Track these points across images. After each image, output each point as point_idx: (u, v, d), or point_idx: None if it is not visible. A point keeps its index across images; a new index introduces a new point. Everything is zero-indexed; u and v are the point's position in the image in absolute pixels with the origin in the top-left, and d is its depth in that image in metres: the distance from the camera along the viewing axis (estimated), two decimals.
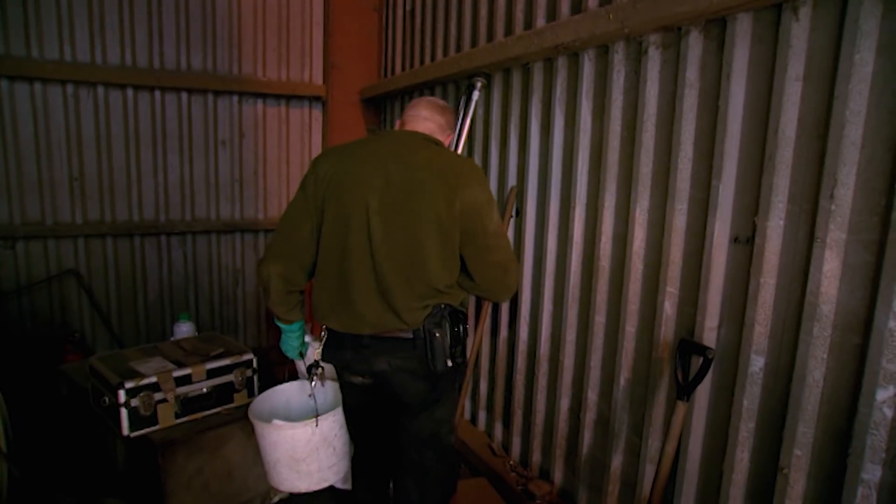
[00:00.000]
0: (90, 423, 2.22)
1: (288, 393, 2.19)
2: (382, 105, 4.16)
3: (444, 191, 1.69)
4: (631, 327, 2.11)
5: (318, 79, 4.16)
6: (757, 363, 1.66)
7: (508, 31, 2.66)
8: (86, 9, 3.52)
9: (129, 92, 3.69)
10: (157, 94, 3.75)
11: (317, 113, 4.21)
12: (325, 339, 1.83)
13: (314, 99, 4.16)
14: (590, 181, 2.29)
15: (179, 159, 3.88)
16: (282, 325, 1.95)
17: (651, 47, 1.95)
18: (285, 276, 1.80)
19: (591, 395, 2.33)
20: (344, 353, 1.79)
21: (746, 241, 1.69)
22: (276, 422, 1.99)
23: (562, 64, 2.37)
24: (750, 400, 1.68)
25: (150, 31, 3.69)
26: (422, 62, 3.53)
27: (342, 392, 1.95)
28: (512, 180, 2.73)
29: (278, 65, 4.04)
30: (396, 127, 2.01)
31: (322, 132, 4.24)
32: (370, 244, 1.70)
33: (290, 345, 1.99)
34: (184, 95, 3.82)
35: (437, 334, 1.73)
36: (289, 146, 4.16)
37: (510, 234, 2.75)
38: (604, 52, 2.17)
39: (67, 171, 3.61)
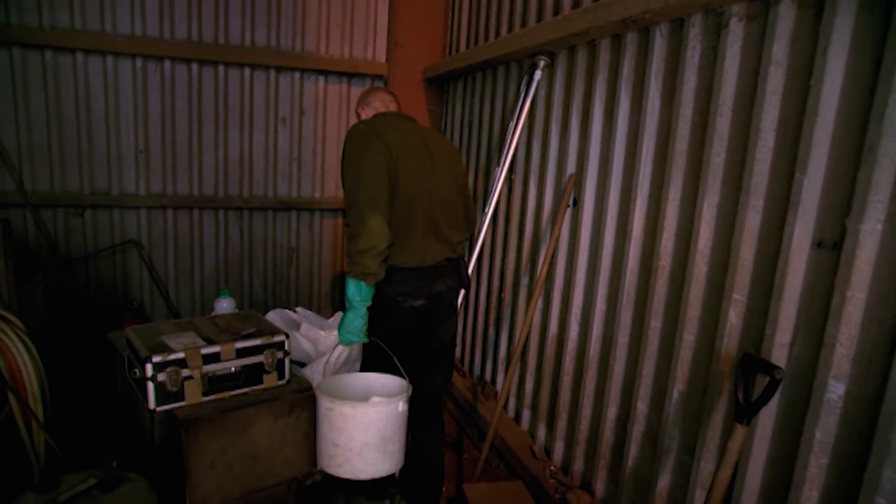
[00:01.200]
0: (127, 394, 2.22)
1: (349, 380, 2.25)
2: (445, 85, 4.02)
3: (457, 158, 2.47)
4: (689, 335, 1.89)
5: (381, 57, 4.06)
6: (836, 390, 1.42)
7: (576, 2, 2.45)
8: None
9: (195, 66, 3.72)
10: (221, 69, 3.76)
11: None
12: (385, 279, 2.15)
13: (376, 77, 4.07)
14: (654, 171, 2.07)
15: (240, 135, 3.89)
16: (358, 299, 2.13)
17: (733, 19, 1.71)
18: (386, 227, 2.10)
19: (641, 406, 2.12)
20: (410, 282, 2.22)
21: (833, 246, 1.45)
22: (375, 398, 2.02)
23: (630, 40, 2.14)
24: (824, 432, 1.45)
25: (217, 6, 3.69)
26: (486, 39, 3.36)
27: (394, 321, 2.25)
28: (571, 167, 2.53)
29: (341, 41, 3.97)
30: (380, 108, 2.48)
31: None
32: (430, 198, 2.25)
33: (355, 324, 2.16)
34: (247, 71, 3.81)
35: (464, 258, 2.46)
36: (348, 125, 4.09)
37: (566, 224, 2.56)
38: (678, 27, 1.94)
39: (134, 143, 3.69)
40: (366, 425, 1.98)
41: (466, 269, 2.48)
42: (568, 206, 2.53)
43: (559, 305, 2.65)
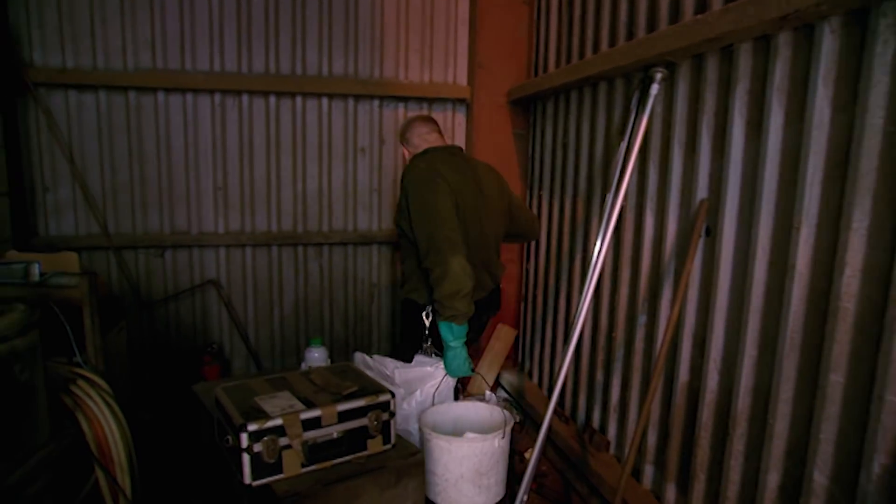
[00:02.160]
0: (216, 458, 2.02)
1: (454, 410, 2.39)
2: (531, 107, 3.76)
3: (505, 187, 2.68)
4: (893, 396, 1.52)
5: (463, 80, 3.85)
6: None
7: (701, 6, 2.15)
8: (235, 20, 3.48)
9: (272, 99, 3.60)
10: (299, 100, 3.64)
11: (460, 117, 3.90)
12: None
13: (458, 101, 3.86)
14: (825, 194, 1.72)
15: (318, 168, 3.74)
16: (455, 336, 2.25)
17: None
18: (469, 267, 2.18)
19: (819, 478, 1.75)
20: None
21: None
22: (469, 434, 2.10)
23: (784, 42, 1.82)
24: None
25: (294, 37, 3.58)
26: (581, 55, 3.09)
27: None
28: (702, 192, 2.21)
29: (421, 66, 3.79)
30: (430, 142, 2.58)
31: (465, 137, 3.92)
32: (483, 234, 2.42)
33: (458, 363, 2.32)
34: (324, 101, 3.67)
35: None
36: None
37: (697, 257, 2.23)
38: (856, 19, 1.61)
39: (212, 180, 3.59)
40: (460, 459, 2.06)
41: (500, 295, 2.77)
42: (700, 236, 2.20)
43: (690, 349, 2.31)
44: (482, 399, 3.80)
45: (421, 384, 2.38)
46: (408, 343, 2.55)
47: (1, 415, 1.33)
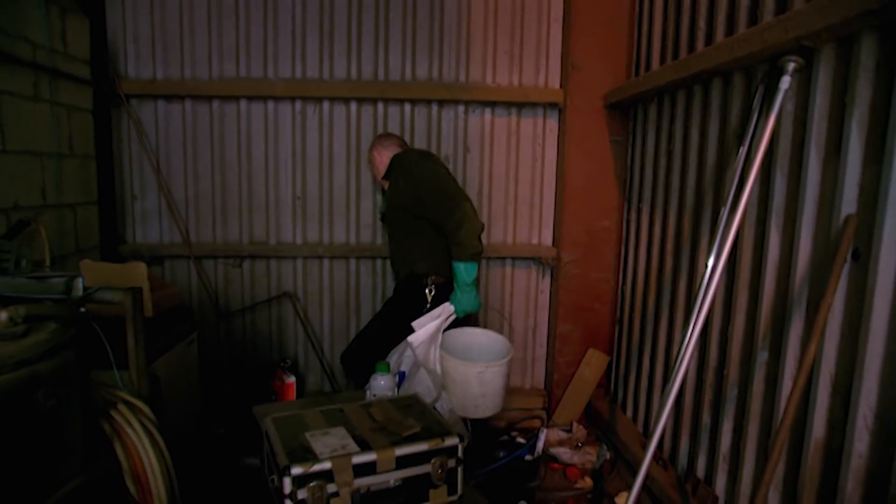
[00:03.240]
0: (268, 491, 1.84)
1: (462, 338, 2.69)
2: (631, 111, 3.39)
3: None
4: None
5: (555, 82, 3.55)
6: None
7: None
8: (317, 24, 3.38)
9: (353, 106, 3.47)
10: (381, 106, 3.48)
11: (552, 123, 3.60)
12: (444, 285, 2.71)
13: (549, 106, 3.56)
14: None
15: None
16: (472, 276, 2.54)
17: None
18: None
19: None
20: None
21: None
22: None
23: None
24: None
25: (377, 41, 3.43)
26: (691, 49, 2.70)
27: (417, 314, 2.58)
28: (848, 206, 1.78)
29: (510, 69, 3.52)
30: (397, 148, 2.93)
31: (557, 144, 3.61)
32: None
33: (473, 299, 2.63)
34: (407, 107, 3.49)
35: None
36: (518, 162, 3.60)
37: (841, 285, 1.81)
38: None
39: (291, 190, 3.51)
40: (498, 377, 2.49)
41: None
42: (845, 260, 1.78)
43: (828, 399, 1.87)
44: (568, 429, 3.47)
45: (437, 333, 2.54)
46: (405, 319, 2.60)
47: (19, 446, 1.20)
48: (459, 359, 2.46)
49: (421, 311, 2.59)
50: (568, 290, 3.58)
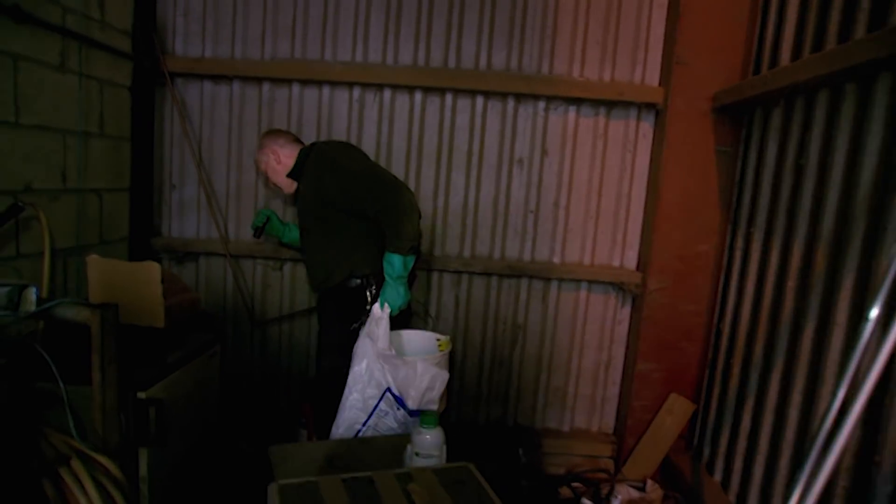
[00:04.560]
0: None
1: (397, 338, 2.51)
2: (745, 115, 2.83)
3: None
4: None
5: (654, 79, 3.02)
6: None
7: None
8: (384, 3, 2.99)
9: (418, 95, 3.05)
10: (449, 98, 3.04)
11: (646, 126, 3.07)
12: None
13: (645, 107, 3.03)
14: None
15: (465, 179, 3.12)
16: (407, 269, 2.30)
17: None
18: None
19: None
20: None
21: None
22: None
23: None
24: None
25: (449, 24, 3.00)
26: (844, 37, 2.13)
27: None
28: None
29: (601, 61, 3.02)
30: (296, 143, 2.66)
31: (651, 152, 3.08)
32: None
33: (403, 293, 2.35)
34: (479, 100, 3.05)
35: None
36: (604, 170, 3.10)
37: None
38: None
39: None
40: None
41: None
42: None
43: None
44: (641, 487, 2.97)
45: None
46: (341, 328, 2.42)
47: None
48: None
49: (360, 314, 2.39)
50: (652, 322, 3.05)
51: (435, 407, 2.21)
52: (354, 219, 2.41)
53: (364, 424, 2.18)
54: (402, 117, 3.07)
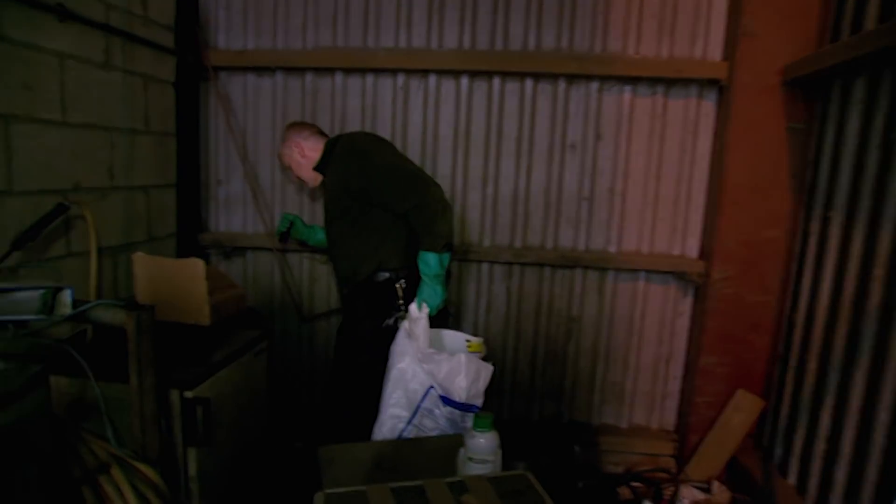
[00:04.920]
0: None
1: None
2: (822, 88, 2.59)
3: None
4: None
5: (716, 54, 2.82)
6: None
7: None
8: None
9: (464, 80, 2.93)
10: (497, 81, 2.91)
11: (708, 105, 2.87)
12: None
13: (707, 83, 2.83)
14: None
15: (515, 167, 2.99)
16: (444, 266, 2.21)
17: None
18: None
19: None
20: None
21: None
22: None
23: None
24: None
25: (495, 5, 2.87)
26: None
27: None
28: None
29: (658, 37, 2.83)
30: (321, 135, 2.55)
31: (714, 132, 2.88)
32: None
33: (441, 292, 2.25)
34: (528, 83, 2.90)
35: None
36: (662, 153, 2.91)
37: None
38: None
39: None
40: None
41: None
42: None
43: None
44: (705, 488, 2.82)
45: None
46: (372, 324, 2.31)
47: None
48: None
49: (390, 311, 2.29)
50: (716, 314, 2.86)
51: (480, 401, 2.09)
52: (381, 212, 2.32)
53: (408, 423, 2.10)
54: (448, 103, 2.96)
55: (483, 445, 1.63)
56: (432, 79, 2.94)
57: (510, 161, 2.98)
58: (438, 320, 2.42)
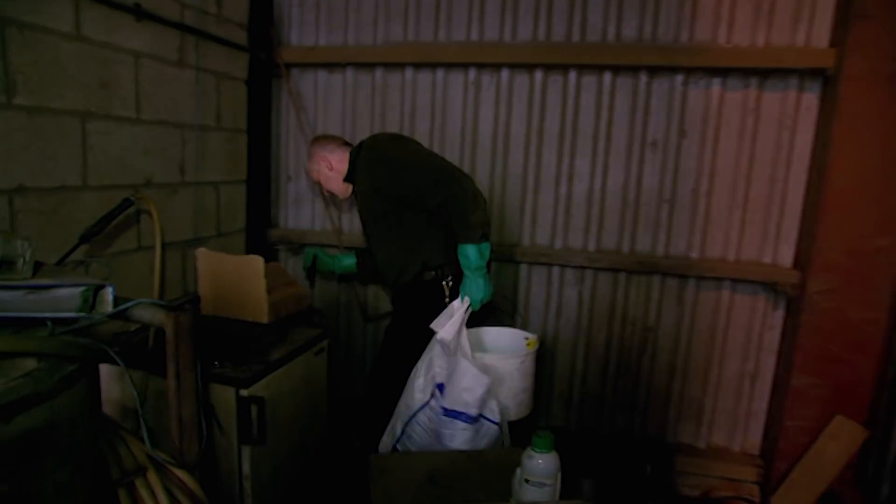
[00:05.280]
0: None
1: (480, 335, 2.43)
2: None
3: None
4: None
5: (823, 40, 2.53)
6: None
7: None
8: None
9: (538, 74, 2.79)
10: (573, 75, 2.75)
11: (809, 98, 2.59)
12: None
13: (810, 74, 2.55)
14: None
15: (591, 166, 2.82)
16: (486, 258, 2.16)
17: None
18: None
19: None
20: None
21: None
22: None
23: None
24: None
25: None
26: None
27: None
28: None
29: (754, 22, 2.57)
30: (346, 145, 2.50)
31: (816, 128, 2.59)
32: None
33: (487, 277, 2.20)
34: (606, 76, 2.73)
35: None
36: (754, 151, 2.65)
37: None
38: None
39: None
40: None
41: None
42: None
43: None
44: None
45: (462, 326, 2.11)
46: (420, 324, 2.17)
47: None
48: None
49: (440, 309, 2.18)
50: (813, 330, 2.58)
51: (473, 412, 2.02)
52: (415, 211, 2.26)
53: (419, 410, 2.13)
54: (520, 99, 2.83)
55: (541, 467, 1.51)
56: (505, 73, 2.82)
57: (585, 159, 2.81)
58: (493, 318, 2.36)
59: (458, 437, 2.02)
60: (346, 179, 2.46)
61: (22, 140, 1.76)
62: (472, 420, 2.03)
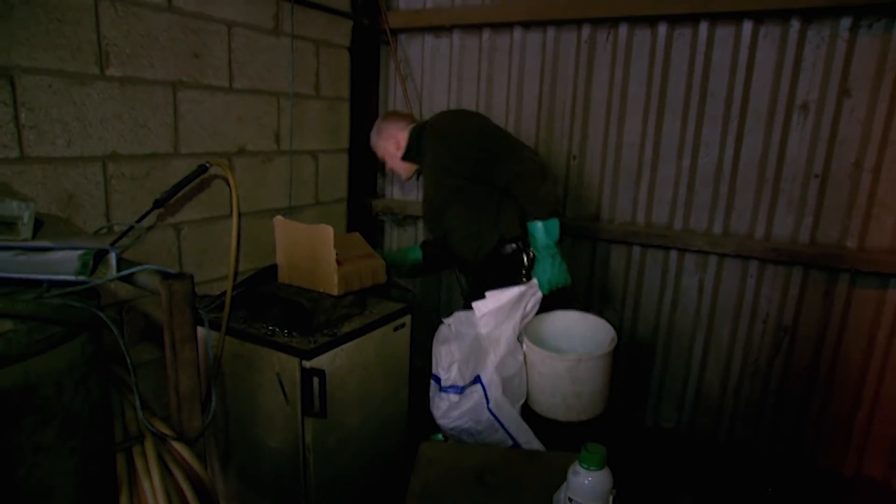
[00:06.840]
0: None
1: (556, 322, 2.10)
2: None
3: None
4: None
5: None
6: None
7: None
8: None
9: (662, 28, 2.42)
10: (704, 27, 2.35)
11: None
12: None
13: None
14: None
15: (721, 134, 2.41)
16: (555, 231, 2.03)
17: None
18: None
19: None
20: None
21: None
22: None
23: None
24: None
25: None
26: None
27: None
28: None
29: None
30: (409, 121, 2.36)
31: None
32: None
33: (559, 258, 2.04)
34: (746, 27, 2.29)
35: None
36: None
37: None
38: None
39: (567, 146, 2.69)
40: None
41: None
42: None
43: None
44: None
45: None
46: None
47: None
48: (547, 349, 1.92)
49: (517, 282, 2.03)
50: None
51: (461, 383, 1.93)
52: (488, 187, 2.15)
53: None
54: (640, 58, 2.49)
55: (587, 486, 1.29)
56: (623, 29, 2.49)
57: (714, 127, 2.41)
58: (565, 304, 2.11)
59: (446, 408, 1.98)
60: (407, 158, 2.34)
61: (114, 109, 1.85)
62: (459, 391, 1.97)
